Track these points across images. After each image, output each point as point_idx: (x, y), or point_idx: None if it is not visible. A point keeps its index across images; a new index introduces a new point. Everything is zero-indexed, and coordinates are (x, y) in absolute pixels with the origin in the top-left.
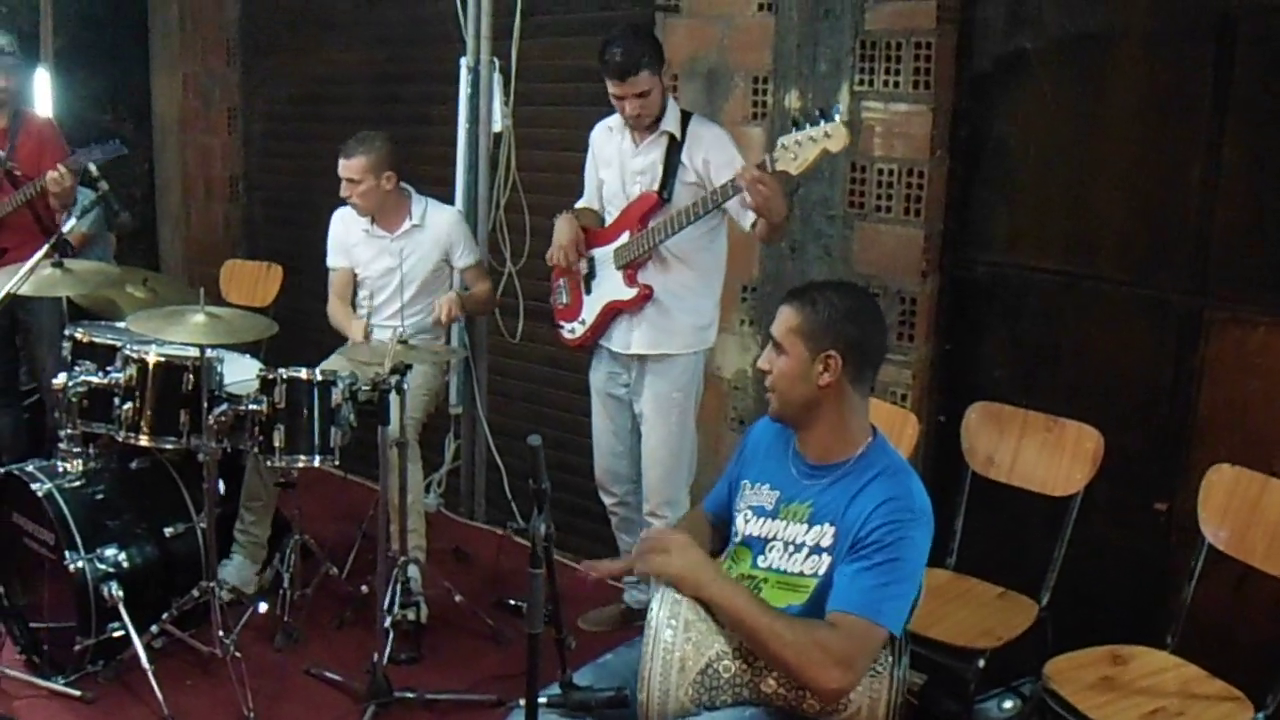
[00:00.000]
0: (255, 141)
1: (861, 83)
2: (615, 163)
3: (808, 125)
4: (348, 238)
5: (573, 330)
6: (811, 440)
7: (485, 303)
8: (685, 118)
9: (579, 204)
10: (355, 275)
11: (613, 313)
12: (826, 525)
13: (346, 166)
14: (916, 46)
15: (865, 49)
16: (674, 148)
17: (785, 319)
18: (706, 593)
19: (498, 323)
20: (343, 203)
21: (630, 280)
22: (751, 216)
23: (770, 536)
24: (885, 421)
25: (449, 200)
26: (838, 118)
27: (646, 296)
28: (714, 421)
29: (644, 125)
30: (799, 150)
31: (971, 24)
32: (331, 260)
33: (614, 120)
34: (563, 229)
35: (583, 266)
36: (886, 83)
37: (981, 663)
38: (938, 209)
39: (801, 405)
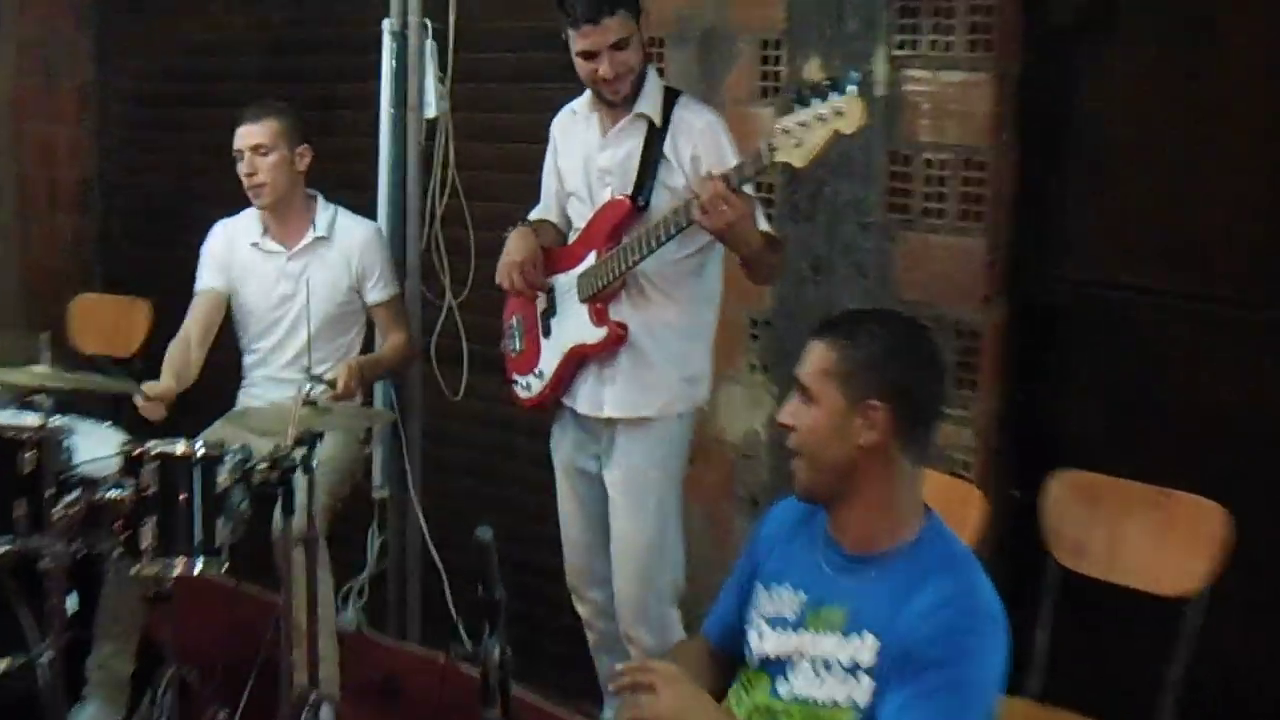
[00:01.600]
0: (115, 132)
1: (902, 45)
2: (579, 159)
3: (814, 101)
4: (231, 254)
5: (528, 385)
6: (849, 521)
7: (397, 362)
8: (670, 98)
9: (533, 214)
10: (231, 306)
11: (578, 361)
12: (867, 635)
13: (249, 132)
14: None
15: (907, 1)
16: (653, 137)
17: (816, 358)
18: None
19: (435, 374)
20: (232, 213)
21: (599, 318)
22: None
23: (794, 655)
24: (940, 498)
25: (368, 212)
26: (851, 89)
27: (620, 338)
28: (718, 502)
29: (621, 95)
30: (803, 134)
31: None
32: (200, 280)
33: (580, 102)
34: (516, 244)
35: (540, 300)
36: (935, 44)
37: None
38: (1005, 212)
39: (836, 472)
